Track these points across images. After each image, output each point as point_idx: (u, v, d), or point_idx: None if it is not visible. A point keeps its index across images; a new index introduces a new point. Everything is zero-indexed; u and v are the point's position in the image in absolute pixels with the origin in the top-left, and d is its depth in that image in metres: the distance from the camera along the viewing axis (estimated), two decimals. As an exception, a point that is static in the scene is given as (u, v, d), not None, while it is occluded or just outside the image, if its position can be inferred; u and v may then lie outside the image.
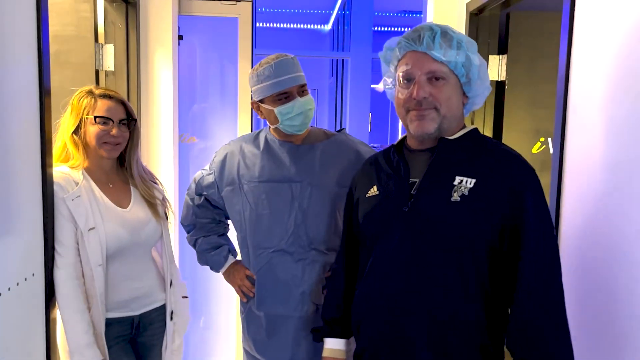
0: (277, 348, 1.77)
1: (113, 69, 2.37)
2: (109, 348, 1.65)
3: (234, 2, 2.71)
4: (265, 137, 1.81)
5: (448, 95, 1.27)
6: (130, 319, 1.74)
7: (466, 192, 1.21)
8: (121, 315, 1.71)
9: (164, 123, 2.61)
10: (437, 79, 1.26)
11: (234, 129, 2.86)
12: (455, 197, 1.22)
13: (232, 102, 2.87)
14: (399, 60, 1.33)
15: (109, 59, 2.36)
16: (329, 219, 1.70)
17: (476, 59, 1.28)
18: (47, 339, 1.46)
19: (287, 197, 1.72)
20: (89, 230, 1.59)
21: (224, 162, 1.83)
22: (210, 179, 1.86)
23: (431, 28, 1.28)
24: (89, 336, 1.57)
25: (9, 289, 1.25)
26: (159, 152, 2.62)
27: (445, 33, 1.27)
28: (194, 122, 2.87)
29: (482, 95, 1.34)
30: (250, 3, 2.72)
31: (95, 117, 1.64)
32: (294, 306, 1.73)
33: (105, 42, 2.36)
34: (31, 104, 1.34)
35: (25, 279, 1.35)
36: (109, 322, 1.66)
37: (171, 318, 1.83)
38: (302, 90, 1.70)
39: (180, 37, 2.70)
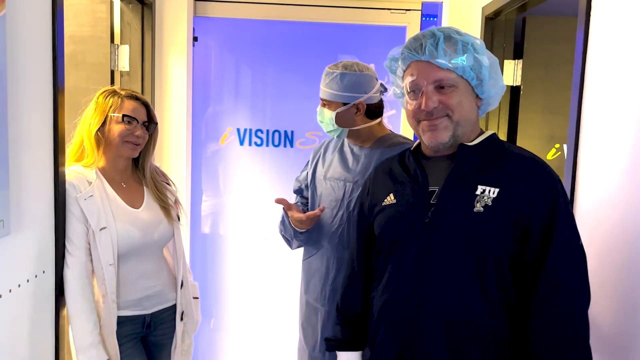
0: (310, 333, 1.89)
1: (128, 70, 2.39)
2: (120, 345, 1.66)
3: (404, 11, 2.76)
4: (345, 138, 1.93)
5: (459, 101, 1.22)
6: (142, 318, 1.74)
7: (490, 203, 1.17)
8: (134, 314, 1.72)
9: (177, 124, 2.62)
10: (445, 86, 1.22)
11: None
12: (479, 207, 1.17)
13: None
14: (404, 71, 1.29)
15: (124, 59, 2.38)
16: None
17: (485, 59, 1.23)
18: (56, 335, 1.47)
19: (340, 195, 1.81)
20: (101, 229, 1.60)
21: (312, 157, 2.00)
22: (304, 174, 2.01)
23: (433, 34, 1.23)
24: (95, 336, 1.58)
25: (19, 286, 1.26)
26: (172, 153, 2.63)
27: (449, 37, 1.22)
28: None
29: (496, 96, 1.29)
30: (420, 12, 2.77)
31: (123, 116, 1.66)
32: (324, 300, 1.82)
33: (120, 43, 2.38)
34: (45, 103, 1.36)
35: (36, 276, 1.36)
36: (122, 320, 1.68)
37: (181, 318, 1.84)
38: (324, 103, 1.81)
39: (195, 39, 2.72)
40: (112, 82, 2.35)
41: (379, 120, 1.84)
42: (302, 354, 1.97)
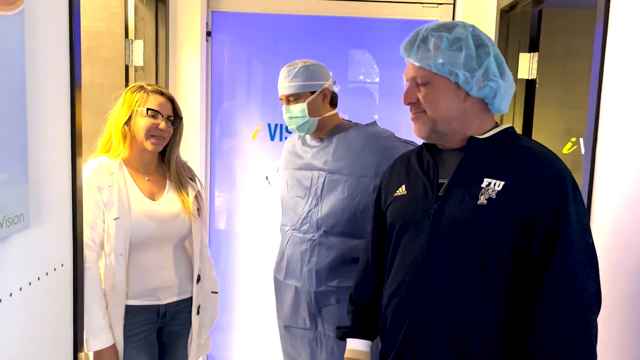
0: (292, 314, 2.01)
1: (142, 65, 2.40)
2: (134, 335, 1.71)
3: (436, 5, 2.74)
4: None
5: (433, 98, 1.24)
6: (157, 308, 1.78)
7: (494, 195, 1.17)
8: (147, 304, 1.75)
9: (192, 118, 2.62)
10: (421, 83, 1.25)
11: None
12: (482, 200, 1.18)
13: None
14: None
15: (138, 54, 2.39)
16: (339, 204, 1.86)
17: (460, 56, 1.20)
18: (74, 328, 1.48)
19: (308, 183, 1.95)
20: (114, 219, 1.66)
21: (283, 151, 2.14)
22: (277, 164, 2.21)
23: (417, 32, 1.26)
24: (106, 321, 1.65)
25: (38, 279, 1.28)
26: (185, 147, 2.63)
27: (425, 37, 1.23)
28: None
29: (494, 92, 1.24)
30: (452, 6, 2.73)
31: (147, 110, 1.71)
32: (302, 280, 1.94)
33: (135, 38, 2.39)
34: (63, 97, 1.37)
35: (55, 269, 1.37)
36: (135, 309, 1.72)
37: (198, 312, 1.86)
38: (290, 99, 1.93)
39: (208, 34, 2.71)
40: (127, 77, 2.36)
41: (336, 110, 2.00)
42: (286, 336, 2.08)
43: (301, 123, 1.92)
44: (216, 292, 2.00)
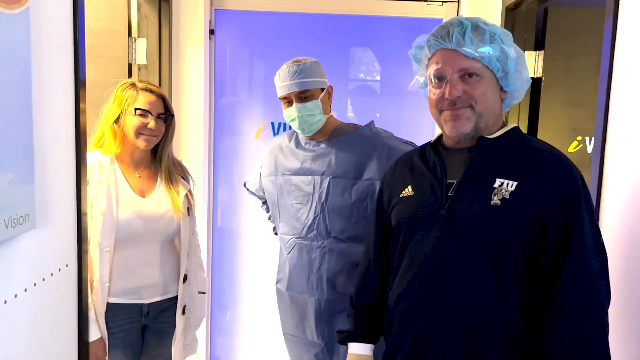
0: (297, 326, 1.94)
1: (145, 63, 2.39)
2: (114, 334, 1.71)
3: (440, 3, 2.73)
4: (297, 133, 1.96)
5: (483, 92, 1.21)
6: (139, 307, 1.76)
7: (507, 196, 1.16)
8: (129, 302, 1.74)
9: (195, 116, 2.62)
10: (470, 75, 1.20)
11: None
12: (496, 200, 1.17)
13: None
14: (429, 59, 1.28)
15: (141, 53, 2.38)
16: (346, 209, 1.81)
17: (512, 51, 1.21)
18: (79, 328, 1.48)
19: (310, 189, 1.87)
20: (101, 214, 1.65)
21: (268, 154, 2.05)
22: (257, 168, 2.11)
23: (461, 23, 1.22)
24: (91, 314, 1.63)
25: (43, 279, 1.27)
26: (188, 145, 2.63)
27: (476, 27, 1.21)
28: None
29: (521, 89, 1.28)
30: (456, 4, 2.72)
31: (135, 109, 1.70)
32: (309, 289, 1.87)
33: (138, 36, 2.38)
34: (67, 97, 1.36)
35: (60, 270, 1.36)
36: (117, 307, 1.71)
37: (183, 312, 1.84)
38: (302, 97, 1.81)
39: (211, 32, 2.70)
40: (130, 76, 2.36)
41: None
42: (292, 346, 2.02)
43: (316, 120, 1.84)
44: (203, 293, 1.97)
